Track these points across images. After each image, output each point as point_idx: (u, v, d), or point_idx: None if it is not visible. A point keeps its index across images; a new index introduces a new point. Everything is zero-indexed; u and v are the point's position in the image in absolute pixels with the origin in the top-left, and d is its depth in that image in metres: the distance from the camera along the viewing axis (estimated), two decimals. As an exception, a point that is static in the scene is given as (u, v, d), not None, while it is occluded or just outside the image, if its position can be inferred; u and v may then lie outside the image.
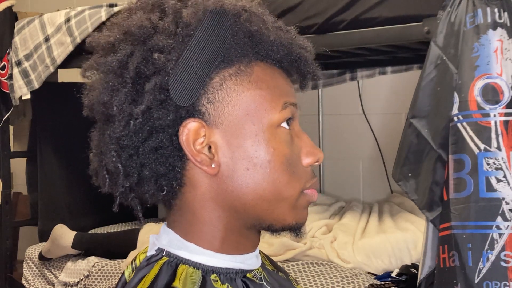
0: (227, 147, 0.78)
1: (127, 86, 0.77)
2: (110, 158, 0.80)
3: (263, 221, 0.80)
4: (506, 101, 1.66)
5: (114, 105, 0.78)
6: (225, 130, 0.78)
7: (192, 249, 0.80)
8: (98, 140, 0.85)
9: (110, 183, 0.83)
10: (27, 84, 2.89)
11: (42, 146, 3.18)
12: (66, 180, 3.26)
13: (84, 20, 2.74)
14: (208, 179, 0.79)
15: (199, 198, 0.80)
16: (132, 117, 0.76)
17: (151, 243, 0.84)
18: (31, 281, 2.96)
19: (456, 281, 1.65)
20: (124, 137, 0.78)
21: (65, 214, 3.19)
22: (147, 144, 0.77)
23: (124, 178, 0.79)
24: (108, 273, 2.72)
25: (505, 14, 1.67)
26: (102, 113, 0.82)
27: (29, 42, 2.89)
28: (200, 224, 0.80)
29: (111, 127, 0.79)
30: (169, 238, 0.82)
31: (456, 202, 1.67)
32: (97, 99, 0.81)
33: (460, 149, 1.67)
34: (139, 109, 0.76)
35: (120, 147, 0.78)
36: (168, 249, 0.81)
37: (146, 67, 0.77)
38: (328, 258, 2.43)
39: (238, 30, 0.78)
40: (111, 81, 0.79)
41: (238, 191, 0.78)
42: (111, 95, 0.78)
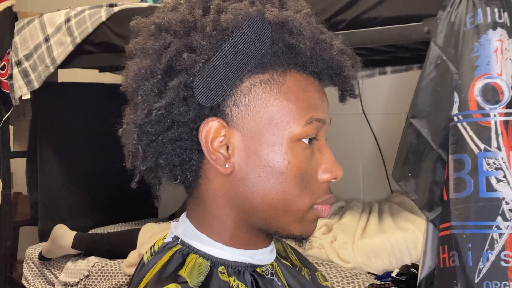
0: (244, 150, 0.79)
1: (156, 77, 0.78)
2: (131, 139, 0.80)
3: (270, 227, 0.82)
4: (506, 101, 1.65)
5: (139, 94, 0.78)
6: (245, 134, 0.78)
7: (204, 240, 0.82)
8: (127, 118, 0.83)
9: (133, 160, 0.82)
10: (27, 84, 2.89)
11: (42, 146, 3.18)
12: (66, 180, 3.26)
13: (84, 20, 2.74)
14: (221, 177, 0.80)
15: (211, 192, 0.81)
16: (155, 109, 0.77)
17: (170, 230, 0.86)
18: (31, 281, 2.96)
19: (456, 281, 1.65)
20: (146, 124, 0.79)
21: (65, 214, 3.19)
22: (167, 135, 0.79)
23: (141, 161, 0.80)
24: (108, 273, 2.72)
25: (505, 14, 1.67)
26: (130, 96, 0.82)
27: (29, 42, 2.89)
28: (211, 217, 0.82)
29: (135, 112, 0.80)
30: (185, 227, 0.84)
31: (456, 202, 1.67)
32: (128, 82, 0.81)
33: (460, 149, 1.67)
34: (160, 104, 0.77)
35: (142, 132, 0.79)
36: (182, 238, 0.83)
37: (178, 63, 0.77)
38: (328, 258, 2.43)
39: (278, 40, 0.78)
40: (144, 69, 0.79)
41: (248, 194, 0.79)
42: (139, 83, 0.78)
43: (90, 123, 3.33)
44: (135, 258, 2.57)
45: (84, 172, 3.32)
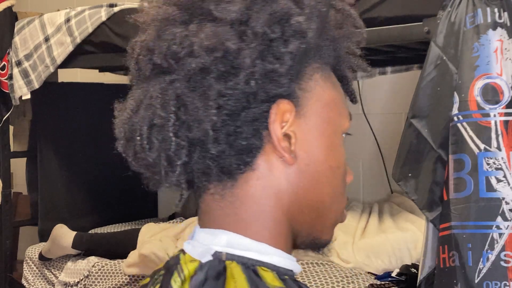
0: (305, 141, 0.70)
1: (265, 42, 0.67)
2: (206, 117, 0.66)
3: (304, 231, 0.73)
4: (506, 101, 1.65)
5: (245, 57, 0.66)
6: (305, 123, 0.71)
7: (260, 249, 0.69)
8: (180, 95, 0.68)
9: (176, 152, 0.68)
10: (27, 84, 2.90)
11: (42, 146, 3.18)
12: (66, 180, 3.26)
13: (84, 20, 2.74)
14: (280, 170, 0.70)
15: (261, 190, 0.70)
16: (255, 75, 0.66)
17: (198, 248, 0.70)
18: (31, 281, 2.96)
19: (456, 281, 1.65)
20: (232, 96, 0.66)
21: (65, 214, 3.19)
22: (248, 112, 0.67)
23: (212, 145, 0.67)
24: (108, 273, 2.72)
25: (505, 14, 1.67)
26: (214, 63, 0.67)
27: (29, 42, 2.89)
28: (257, 220, 0.70)
29: (223, 82, 0.66)
30: (227, 238, 0.69)
31: (456, 202, 1.67)
32: (218, 44, 0.66)
33: (460, 149, 1.67)
34: (278, 67, 0.67)
35: (220, 108, 0.66)
36: (231, 251, 0.68)
37: (290, 29, 0.68)
38: (328, 258, 2.43)
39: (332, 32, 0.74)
40: (250, 28, 0.67)
41: (303, 191, 0.71)
42: (241, 45, 0.67)
43: (90, 123, 3.33)
44: (135, 258, 2.57)
45: (84, 172, 3.32)
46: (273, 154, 0.69)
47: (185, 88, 0.67)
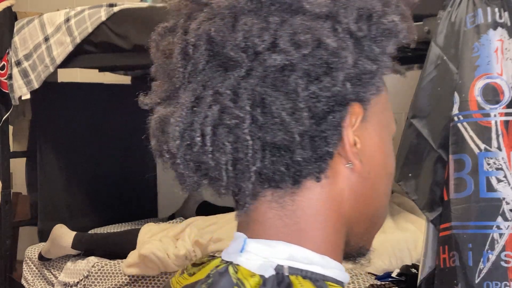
0: (369, 146, 0.66)
1: (358, 41, 0.63)
2: (293, 120, 0.60)
3: (354, 240, 0.69)
4: (506, 101, 1.65)
5: (346, 56, 0.61)
6: (366, 128, 0.66)
7: (322, 262, 0.64)
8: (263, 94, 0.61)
9: (253, 157, 0.61)
10: (27, 84, 2.89)
11: (41, 146, 3.18)
12: (66, 180, 3.26)
13: (83, 20, 2.74)
14: (344, 177, 0.65)
15: (323, 199, 0.65)
16: (351, 76, 0.62)
17: (255, 260, 0.64)
18: (31, 281, 2.96)
19: (456, 282, 1.65)
20: (324, 97, 0.61)
21: (65, 214, 3.19)
22: (335, 116, 0.62)
23: (297, 151, 0.61)
24: (108, 273, 2.72)
25: (506, 14, 1.67)
26: (302, 60, 0.60)
27: (28, 42, 2.89)
28: (317, 231, 0.65)
29: (314, 82, 0.60)
30: (289, 250, 0.63)
31: (456, 202, 1.66)
32: (311, 40, 0.60)
33: (461, 149, 1.67)
34: (375, 69, 0.63)
35: (310, 111, 0.61)
36: (292, 265, 0.63)
37: (382, 27, 0.65)
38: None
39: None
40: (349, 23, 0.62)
41: (363, 198, 0.67)
42: (340, 42, 0.61)
43: (90, 123, 3.33)
44: (135, 258, 2.56)
45: (84, 172, 3.32)
46: (339, 160, 0.64)
47: (265, 87, 0.60)
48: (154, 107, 0.67)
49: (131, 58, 2.78)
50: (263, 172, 0.62)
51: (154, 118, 0.66)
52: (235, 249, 0.66)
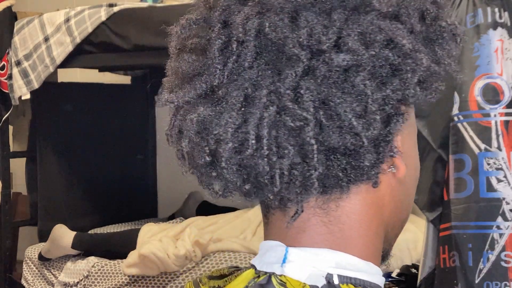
0: (405, 149, 0.64)
1: (423, 41, 0.61)
2: (363, 124, 0.57)
3: (387, 243, 0.67)
4: (506, 101, 1.65)
5: (422, 58, 0.58)
6: (406, 129, 0.64)
7: (368, 268, 0.62)
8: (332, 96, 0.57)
9: (318, 162, 0.57)
10: (27, 84, 2.89)
11: (41, 146, 3.18)
12: (66, 180, 3.26)
13: (83, 20, 2.74)
14: (386, 182, 0.63)
15: (367, 205, 0.62)
16: (422, 78, 0.60)
17: (303, 271, 0.60)
18: (31, 281, 2.96)
19: (456, 281, 1.65)
20: (394, 100, 0.58)
21: (65, 214, 3.19)
22: (398, 118, 0.60)
23: (364, 156, 0.58)
24: (108, 273, 2.72)
25: (506, 14, 1.67)
26: (370, 61, 0.57)
27: (28, 42, 2.89)
28: (365, 236, 0.63)
29: (386, 84, 0.58)
30: (336, 258, 0.61)
31: (456, 202, 1.66)
32: (384, 40, 0.58)
33: (461, 149, 1.67)
34: (440, 71, 0.61)
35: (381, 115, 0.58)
36: (341, 273, 0.60)
37: (442, 30, 0.63)
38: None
39: None
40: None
41: (401, 202, 0.65)
42: (415, 43, 0.59)
43: (89, 123, 3.33)
44: (135, 258, 2.56)
45: (84, 172, 3.32)
46: (384, 164, 0.62)
47: (329, 87, 0.56)
48: (182, 106, 0.61)
49: (131, 58, 2.78)
50: (320, 178, 0.58)
51: (190, 118, 0.60)
52: (274, 259, 0.61)
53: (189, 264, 2.56)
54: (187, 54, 0.62)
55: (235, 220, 2.82)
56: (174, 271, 2.55)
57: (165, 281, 2.58)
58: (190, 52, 0.61)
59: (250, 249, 2.58)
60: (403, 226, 0.69)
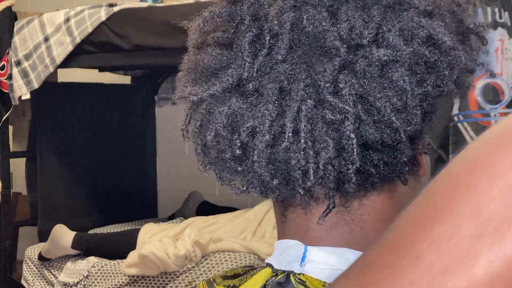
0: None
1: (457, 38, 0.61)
2: (401, 119, 0.56)
3: None
4: (506, 101, 1.65)
5: (460, 55, 0.58)
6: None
7: None
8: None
9: (356, 157, 0.56)
10: (27, 84, 2.89)
11: (41, 146, 3.18)
12: (66, 180, 3.26)
13: (83, 20, 2.74)
14: (409, 182, 0.63)
15: (393, 203, 0.62)
16: (457, 75, 0.60)
17: (322, 270, 0.60)
18: (31, 281, 2.96)
19: (456, 282, 1.65)
20: (433, 97, 0.58)
21: (64, 214, 3.19)
22: (433, 116, 0.61)
23: (402, 151, 0.57)
24: (108, 273, 2.72)
25: (506, 13, 1.67)
26: (409, 57, 0.56)
27: (28, 42, 2.89)
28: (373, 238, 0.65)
29: (426, 80, 0.57)
30: (354, 257, 0.58)
31: (456, 202, 1.66)
32: (424, 37, 0.57)
33: (461, 149, 1.67)
34: (472, 68, 0.62)
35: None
36: None
37: (469, 31, 0.63)
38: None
39: None
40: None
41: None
42: (454, 40, 0.59)
43: (89, 123, 3.33)
44: (135, 259, 2.56)
45: (84, 172, 3.32)
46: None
47: (368, 81, 0.56)
48: (204, 99, 0.60)
49: (131, 58, 2.78)
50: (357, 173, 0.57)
51: (219, 110, 0.58)
52: (292, 257, 0.61)
53: (189, 264, 2.56)
54: (210, 47, 0.61)
55: (235, 220, 2.82)
56: (174, 271, 2.55)
57: (165, 281, 2.58)
58: (214, 46, 0.60)
59: (250, 249, 2.58)
60: None
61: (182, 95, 0.62)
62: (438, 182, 0.39)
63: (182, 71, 0.64)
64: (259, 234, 2.74)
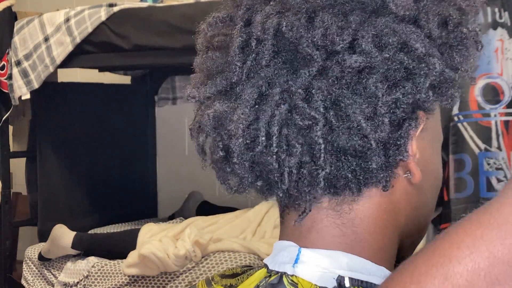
0: (423, 156, 0.63)
1: (439, 47, 0.60)
2: (371, 126, 0.57)
3: (402, 253, 0.66)
4: (506, 101, 1.65)
5: (435, 63, 0.58)
6: (422, 138, 0.62)
7: (380, 273, 0.61)
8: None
9: (324, 162, 0.57)
10: (27, 84, 2.89)
11: (41, 146, 3.18)
12: (66, 180, 3.26)
13: (83, 20, 2.74)
14: (401, 187, 0.63)
15: (381, 209, 0.62)
16: (434, 84, 0.59)
17: (314, 271, 0.60)
18: (31, 281, 2.96)
19: (456, 282, 1.65)
20: (404, 104, 0.58)
21: (64, 214, 3.19)
22: (410, 123, 0.60)
23: (372, 158, 0.58)
24: (108, 273, 2.71)
25: (506, 14, 1.67)
26: (383, 64, 0.57)
27: (28, 42, 2.89)
28: (379, 240, 0.62)
29: (395, 87, 0.58)
30: (348, 261, 0.60)
31: (456, 202, 1.66)
32: (397, 43, 0.58)
33: (461, 149, 1.67)
34: (455, 77, 0.61)
35: (390, 118, 0.58)
36: (353, 276, 0.59)
37: (461, 36, 0.62)
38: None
39: None
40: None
41: (415, 210, 0.65)
42: (429, 47, 0.59)
43: (89, 123, 3.33)
44: (135, 258, 2.56)
45: (84, 172, 3.32)
46: (399, 169, 0.61)
47: (341, 88, 0.57)
48: (203, 102, 0.63)
49: (131, 58, 2.78)
50: (328, 178, 0.58)
51: (207, 113, 0.61)
52: (286, 259, 0.61)
53: (189, 264, 2.56)
54: (212, 51, 0.63)
55: (235, 220, 2.82)
56: (174, 271, 2.55)
57: (165, 281, 2.58)
58: (215, 50, 0.62)
59: (250, 249, 2.58)
60: (422, 236, 0.69)
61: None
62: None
63: (194, 73, 0.66)
64: (259, 234, 2.74)
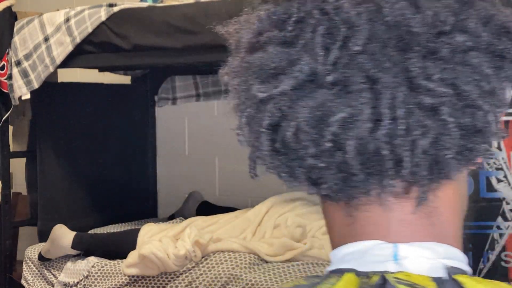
0: None
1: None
2: (489, 104, 0.57)
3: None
4: (506, 101, 1.65)
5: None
6: None
7: (464, 259, 0.62)
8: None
9: (453, 141, 0.56)
10: (27, 84, 2.89)
11: (41, 146, 3.18)
12: (66, 180, 3.26)
13: (83, 20, 2.74)
14: (463, 174, 0.63)
15: (458, 193, 0.62)
16: None
17: (422, 264, 0.59)
18: (31, 281, 2.96)
19: (456, 282, 1.65)
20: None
21: (64, 214, 3.19)
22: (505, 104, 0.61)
23: (489, 136, 0.58)
24: (108, 273, 2.72)
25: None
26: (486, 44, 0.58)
27: (28, 42, 2.89)
28: (456, 226, 0.63)
29: (504, 67, 0.59)
30: (443, 251, 0.60)
31: (456, 202, 1.66)
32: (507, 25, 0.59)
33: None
34: None
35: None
36: (453, 265, 0.59)
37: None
38: (328, 258, 2.42)
39: None
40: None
41: (465, 196, 0.65)
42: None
43: (90, 123, 3.33)
44: (135, 258, 2.56)
45: (84, 172, 3.32)
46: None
47: (455, 67, 0.56)
48: (272, 97, 0.59)
49: (131, 58, 2.78)
50: (456, 158, 0.57)
51: (302, 105, 0.57)
52: (382, 257, 0.59)
53: (189, 264, 2.56)
54: (271, 46, 0.60)
55: (235, 220, 2.82)
56: (174, 271, 2.55)
57: (165, 281, 2.58)
58: (274, 44, 0.60)
59: (250, 249, 2.58)
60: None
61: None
62: None
63: (229, 73, 0.63)
64: (259, 234, 2.74)
